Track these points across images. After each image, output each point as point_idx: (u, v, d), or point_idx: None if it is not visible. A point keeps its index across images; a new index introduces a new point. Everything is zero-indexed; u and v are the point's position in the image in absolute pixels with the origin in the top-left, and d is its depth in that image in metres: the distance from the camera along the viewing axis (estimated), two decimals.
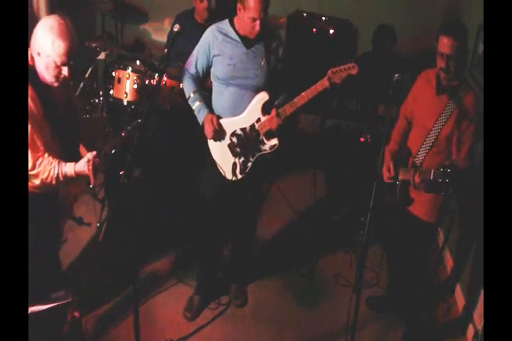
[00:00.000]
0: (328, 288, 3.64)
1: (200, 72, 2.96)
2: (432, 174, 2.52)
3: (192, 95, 2.96)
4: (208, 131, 2.92)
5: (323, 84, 2.71)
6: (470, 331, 3.22)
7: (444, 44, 2.58)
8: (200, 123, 2.95)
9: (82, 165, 2.44)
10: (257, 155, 2.97)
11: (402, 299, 3.26)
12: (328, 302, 3.51)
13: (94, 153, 2.44)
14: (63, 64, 2.33)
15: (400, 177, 2.83)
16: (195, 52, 2.94)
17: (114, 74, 4.09)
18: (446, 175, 2.44)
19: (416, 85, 2.92)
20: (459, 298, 3.49)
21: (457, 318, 3.41)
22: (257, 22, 2.70)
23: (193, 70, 2.96)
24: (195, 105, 2.95)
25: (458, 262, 3.62)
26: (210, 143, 3.02)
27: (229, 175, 3.00)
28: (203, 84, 3.10)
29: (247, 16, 2.70)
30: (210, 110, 2.96)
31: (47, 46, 2.28)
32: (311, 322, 3.36)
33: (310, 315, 3.42)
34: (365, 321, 3.30)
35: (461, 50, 2.59)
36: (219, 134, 2.95)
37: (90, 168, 2.41)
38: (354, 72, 2.67)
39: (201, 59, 2.91)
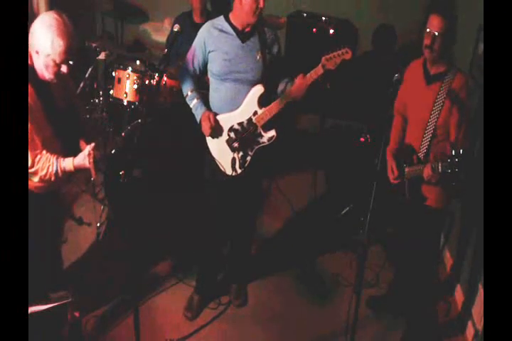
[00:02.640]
0: (328, 288, 3.64)
1: (197, 69, 2.96)
2: (440, 167, 2.54)
3: (189, 93, 2.97)
4: (206, 128, 2.93)
5: (317, 71, 2.73)
6: (470, 331, 3.22)
7: (433, 22, 2.62)
8: (198, 121, 2.96)
9: (82, 159, 2.44)
10: (256, 148, 2.98)
11: (402, 299, 3.26)
12: (328, 302, 3.51)
13: (93, 144, 2.43)
14: (63, 62, 2.33)
15: (407, 175, 2.83)
16: (192, 49, 2.95)
17: (114, 74, 4.09)
18: (455, 164, 2.45)
19: (405, 79, 2.90)
20: (459, 298, 3.49)
21: (457, 318, 3.41)
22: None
23: (190, 68, 2.96)
24: (193, 103, 2.96)
25: (458, 262, 3.62)
26: (209, 140, 3.03)
27: (229, 171, 3.01)
28: (201, 82, 3.11)
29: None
30: (208, 107, 2.97)
31: (46, 46, 2.27)
32: (311, 322, 3.36)
33: (310, 314, 3.42)
34: (365, 321, 3.30)
35: (449, 30, 2.62)
36: (216, 131, 2.95)
37: (91, 161, 2.41)
38: (348, 56, 2.69)
39: (198, 56, 2.92)
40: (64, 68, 2.35)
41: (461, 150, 2.46)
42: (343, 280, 3.65)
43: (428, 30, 2.63)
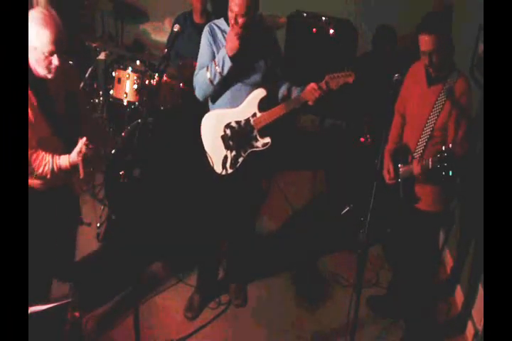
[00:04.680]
0: (328, 288, 3.64)
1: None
2: (430, 162, 2.54)
3: (205, 70, 2.82)
4: (233, 38, 2.69)
5: (321, 86, 2.74)
6: (470, 331, 3.22)
7: (423, 42, 2.58)
8: (226, 54, 2.73)
9: (75, 155, 2.42)
10: (249, 151, 2.98)
11: (402, 299, 3.26)
12: (328, 302, 3.51)
13: (84, 139, 2.38)
14: (52, 53, 2.29)
15: (402, 174, 2.83)
16: (200, 53, 2.93)
17: (114, 74, 4.09)
18: (444, 159, 2.46)
19: (407, 80, 2.90)
20: (459, 298, 3.49)
21: (457, 318, 3.41)
22: (233, 14, 2.66)
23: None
24: (213, 64, 2.78)
25: (458, 262, 3.62)
26: (204, 134, 3.03)
27: (218, 169, 3.01)
28: None
29: (230, 12, 2.67)
30: (212, 105, 2.96)
31: (32, 38, 2.25)
32: (311, 322, 3.36)
33: (310, 315, 3.42)
34: (365, 321, 3.30)
35: (442, 43, 2.57)
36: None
37: (80, 158, 2.37)
38: (350, 80, 2.73)
39: (207, 57, 2.89)
40: (55, 60, 2.31)
41: (449, 145, 2.46)
42: (343, 280, 3.66)
43: (421, 50, 2.60)
